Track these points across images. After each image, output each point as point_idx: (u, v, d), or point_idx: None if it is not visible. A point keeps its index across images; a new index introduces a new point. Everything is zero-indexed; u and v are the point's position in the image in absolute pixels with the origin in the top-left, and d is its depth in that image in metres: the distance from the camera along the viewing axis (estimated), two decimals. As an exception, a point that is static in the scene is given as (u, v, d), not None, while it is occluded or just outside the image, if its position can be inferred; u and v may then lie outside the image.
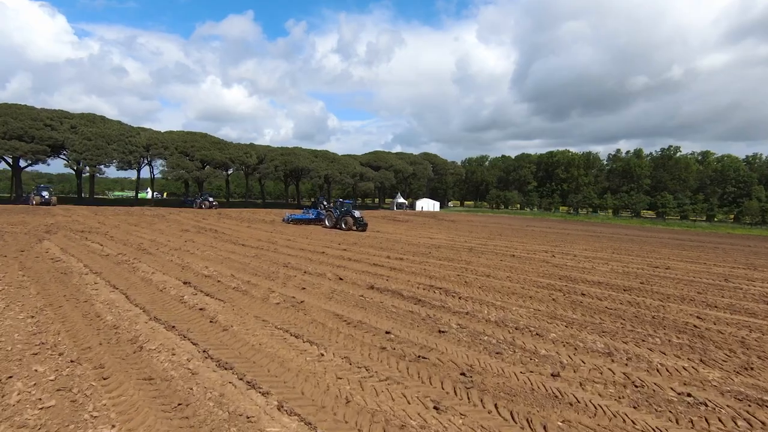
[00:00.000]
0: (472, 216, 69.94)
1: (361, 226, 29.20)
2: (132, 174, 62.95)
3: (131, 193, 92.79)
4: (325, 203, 69.56)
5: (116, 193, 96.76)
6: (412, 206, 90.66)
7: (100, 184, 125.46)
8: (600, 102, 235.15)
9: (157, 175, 57.30)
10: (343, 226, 29.25)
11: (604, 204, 76.49)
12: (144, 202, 58.14)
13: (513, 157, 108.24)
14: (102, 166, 48.56)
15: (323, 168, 68.35)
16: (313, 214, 33.94)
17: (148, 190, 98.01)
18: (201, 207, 53.37)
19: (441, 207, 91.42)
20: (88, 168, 46.84)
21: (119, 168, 49.30)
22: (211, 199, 54.72)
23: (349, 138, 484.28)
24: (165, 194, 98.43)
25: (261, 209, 59.20)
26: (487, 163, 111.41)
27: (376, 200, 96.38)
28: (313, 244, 20.57)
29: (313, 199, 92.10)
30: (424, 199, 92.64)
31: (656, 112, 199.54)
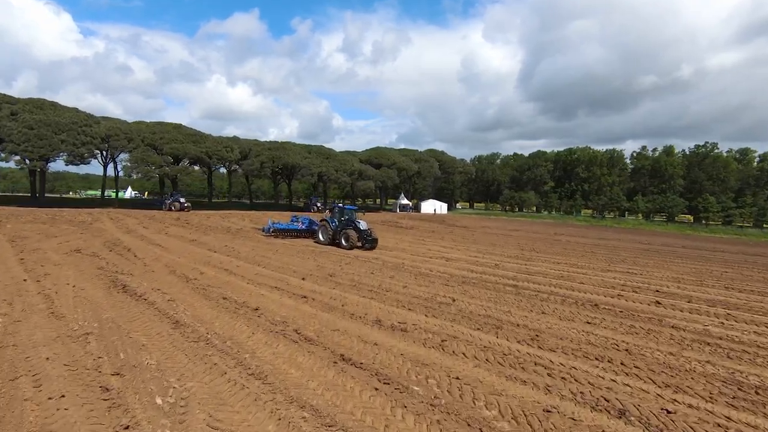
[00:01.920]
0: (486, 220, 61.69)
1: (369, 242, 20.96)
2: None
3: (109, 192, 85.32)
4: (318, 204, 61.68)
5: (90, 192, 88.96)
6: (416, 208, 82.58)
7: (77, 181, 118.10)
8: (607, 102, 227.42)
9: (122, 173, 49.42)
10: (343, 242, 20.84)
11: (635, 207, 67.81)
12: (109, 203, 50.41)
13: (527, 155, 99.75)
14: (49, 161, 40.82)
15: (317, 165, 60.36)
16: (303, 224, 25.80)
17: (128, 188, 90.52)
18: (170, 209, 45.54)
19: (449, 209, 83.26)
20: (28, 162, 39.06)
21: (68, 162, 41.44)
22: (182, 200, 46.86)
23: (353, 137, 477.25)
24: (146, 194, 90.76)
25: (244, 211, 51.31)
26: (498, 161, 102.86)
27: (378, 201, 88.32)
28: (256, 281, 12.45)
29: (304, 200, 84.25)
30: (430, 200, 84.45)
31: (663, 112, 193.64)
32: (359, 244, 20.88)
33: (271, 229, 25.00)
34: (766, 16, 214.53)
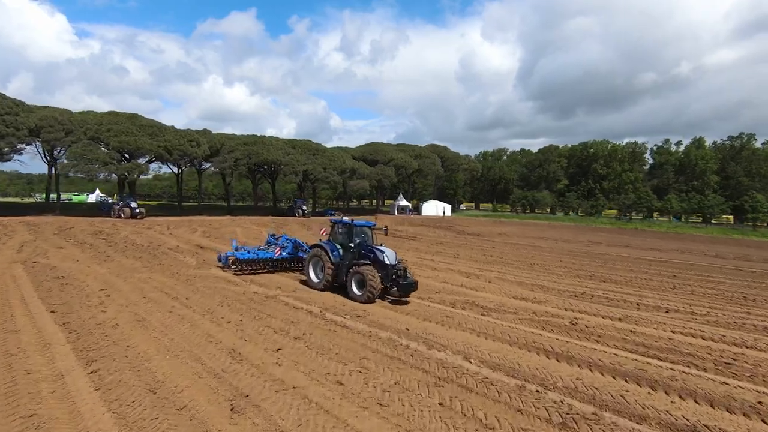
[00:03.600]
0: (498, 224, 53.44)
1: (404, 288, 11.43)
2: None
3: (80, 197, 76.73)
4: (303, 208, 53.29)
5: (73, 195, 79.30)
6: (417, 209, 74.35)
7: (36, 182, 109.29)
8: (606, 100, 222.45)
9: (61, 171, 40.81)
10: (354, 289, 11.46)
11: (667, 207, 59.38)
12: (51, 208, 42.02)
13: (535, 151, 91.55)
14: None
15: (301, 162, 52.10)
16: (285, 248, 15.43)
17: (96, 191, 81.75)
18: (120, 216, 37.36)
19: (452, 210, 75.04)
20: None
21: (-17, 158, 33.23)
22: (134, 204, 38.64)
23: (352, 137, 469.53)
24: (114, 196, 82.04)
25: (212, 218, 43.03)
26: (505, 157, 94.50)
27: (374, 202, 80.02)
28: None
29: (288, 203, 75.76)
30: (432, 201, 76.25)
31: (663, 109, 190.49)
32: (392, 289, 11.49)
33: (229, 261, 14.66)
34: (766, 13, 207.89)
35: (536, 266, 19.35)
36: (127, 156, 41.16)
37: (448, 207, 73.59)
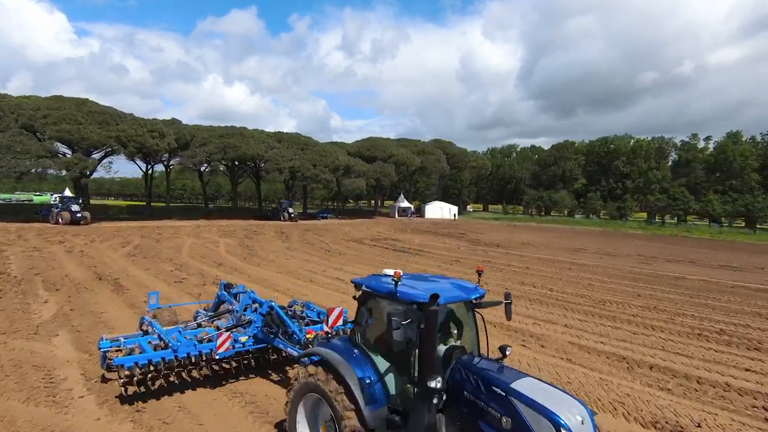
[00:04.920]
0: (514, 229, 46.31)
1: None
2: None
3: (42, 197, 69.59)
4: (290, 210, 46.37)
5: (34, 195, 71.64)
6: (419, 211, 67.31)
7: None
8: (607, 99, 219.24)
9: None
10: None
11: (708, 209, 51.75)
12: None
13: (548, 148, 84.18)
14: None
15: (287, 157, 45.07)
16: (247, 329, 6.54)
17: (66, 190, 74.62)
18: (57, 221, 30.57)
19: (459, 213, 67.92)
20: None
21: None
22: (75, 208, 31.67)
23: (351, 137, 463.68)
24: (58, 198, 74.59)
25: (177, 223, 36.18)
26: (514, 154, 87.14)
27: (372, 202, 72.96)
28: None
29: (273, 205, 68.48)
30: (436, 202, 69.18)
31: (664, 109, 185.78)
32: None
33: (106, 361, 5.72)
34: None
35: (612, 309, 12.27)
36: (78, 149, 34.15)
37: (454, 209, 66.52)
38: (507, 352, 4.23)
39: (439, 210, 65.83)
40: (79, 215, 31.03)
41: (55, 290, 11.72)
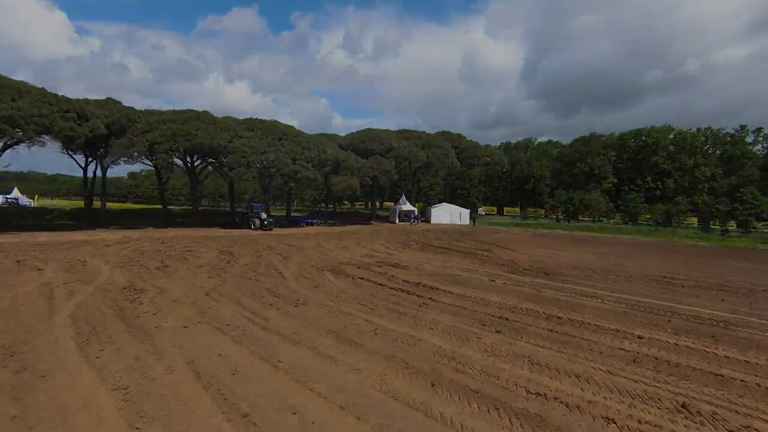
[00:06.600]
0: (545, 240, 36.71)
1: None
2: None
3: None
4: (262, 216, 36.07)
5: None
6: (424, 215, 57.80)
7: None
8: (611, 98, 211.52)
9: None
10: None
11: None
12: None
13: (569, 142, 74.34)
14: None
15: (259, 149, 35.57)
16: None
17: (14, 189, 65.18)
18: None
19: (470, 217, 58.23)
20: None
21: None
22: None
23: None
24: (36, 198, 66.00)
25: (98, 235, 26.90)
26: (532, 149, 77.25)
27: (368, 204, 63.41)
28: None
29: (244, 207, 58.91)
30: (444, 204, 59.59)
31: (668, 108, 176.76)
32: None
33: None
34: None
35: None
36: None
37: (466, 212, 56.99)
38: None
39: (447, 214, 56.27)
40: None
41: None
